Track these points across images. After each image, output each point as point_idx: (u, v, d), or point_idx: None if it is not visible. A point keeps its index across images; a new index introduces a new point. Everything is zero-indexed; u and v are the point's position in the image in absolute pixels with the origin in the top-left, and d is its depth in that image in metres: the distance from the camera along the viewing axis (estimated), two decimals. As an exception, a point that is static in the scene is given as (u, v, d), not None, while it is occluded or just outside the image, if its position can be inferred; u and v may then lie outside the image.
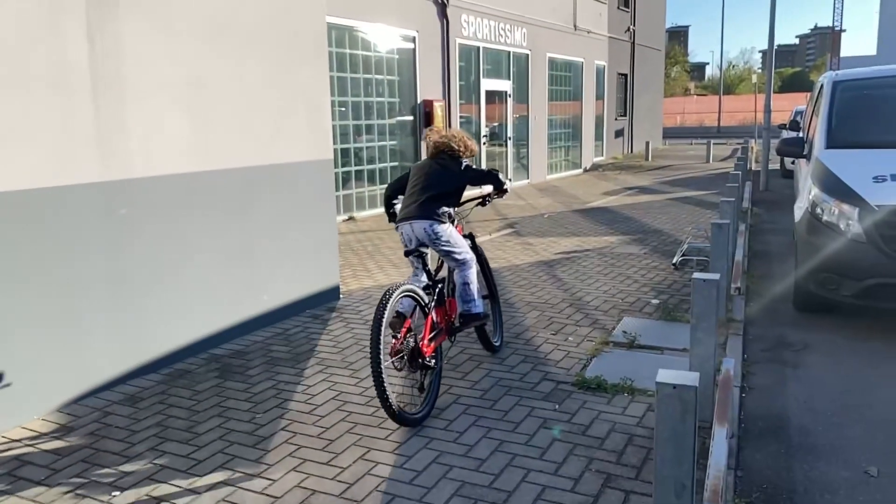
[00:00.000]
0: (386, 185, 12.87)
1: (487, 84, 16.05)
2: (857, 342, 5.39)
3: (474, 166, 4.58)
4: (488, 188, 4.66)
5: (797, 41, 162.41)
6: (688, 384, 2.18)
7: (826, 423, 4.06)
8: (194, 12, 5.03)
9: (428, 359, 4.06)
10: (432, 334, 4.17)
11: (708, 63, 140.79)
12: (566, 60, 20.03)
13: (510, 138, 17.10)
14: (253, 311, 5.71)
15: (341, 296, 6.80)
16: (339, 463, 3.58)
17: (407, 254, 4.28)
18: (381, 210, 12.59)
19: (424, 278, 4.38)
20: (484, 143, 15.86)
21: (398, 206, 4.62)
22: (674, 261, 7.92)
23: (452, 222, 4.51)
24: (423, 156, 13.70)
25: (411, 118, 13.52)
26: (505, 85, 16.80)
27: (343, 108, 11.90)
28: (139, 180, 4.71)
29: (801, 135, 9.26)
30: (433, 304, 4.25)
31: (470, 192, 4.66)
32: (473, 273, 4.53)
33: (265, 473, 3.49)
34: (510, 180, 4.64)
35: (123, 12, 4.54)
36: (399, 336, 3.95)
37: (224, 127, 5.34)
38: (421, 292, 4.13)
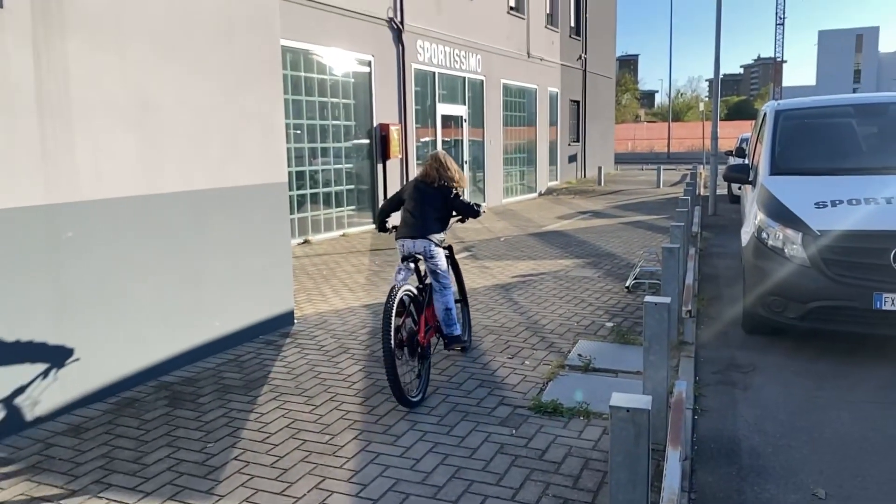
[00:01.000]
0: (341, 208, 12.93)
1: (443, 109, 16.18)
2: (803, 364, 5.53)
3: (461, 197, 5.21)
4: None
5: (742, 71, 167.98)
6: (641, 407, 2.21)
7: (775, 445, 4.14)
8: (144, 31, 4.96)
9: (424, 349, 4.75)
10: (427, 328, 4.90)
11: (657, 91, 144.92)
12: (520, 87, 20.34)
13: (466, 162, 17.22)
14: (204, 337, 5.59)
15: (296, 321, 6.70)
16: (294, 492, 3.51)
17: (403, 259, 4.98)
18: (337, 233, 12.69)
19: (413, 277, 5.03)
20: None
21: (389, 222, 5.52)
22: (627, 284, 8.05)
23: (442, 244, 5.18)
24: (380, 178, 13.78)
25: (367, 141, 13.52)
26: (460, 110, 16.96)
27: (298, 131, 11.84)
28: (86, 203, 4.60)
29: (746, 161, 9.53)
30: (425, 303, 4.97)
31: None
32: (452, 297, 5.17)
33: (216, 505, 3.40)
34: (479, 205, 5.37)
35: (71, 31, 4.45)
36: (399, 328, 4.52)
37: (175, 149, 5.25)
38: (416, 293, 4.87)
